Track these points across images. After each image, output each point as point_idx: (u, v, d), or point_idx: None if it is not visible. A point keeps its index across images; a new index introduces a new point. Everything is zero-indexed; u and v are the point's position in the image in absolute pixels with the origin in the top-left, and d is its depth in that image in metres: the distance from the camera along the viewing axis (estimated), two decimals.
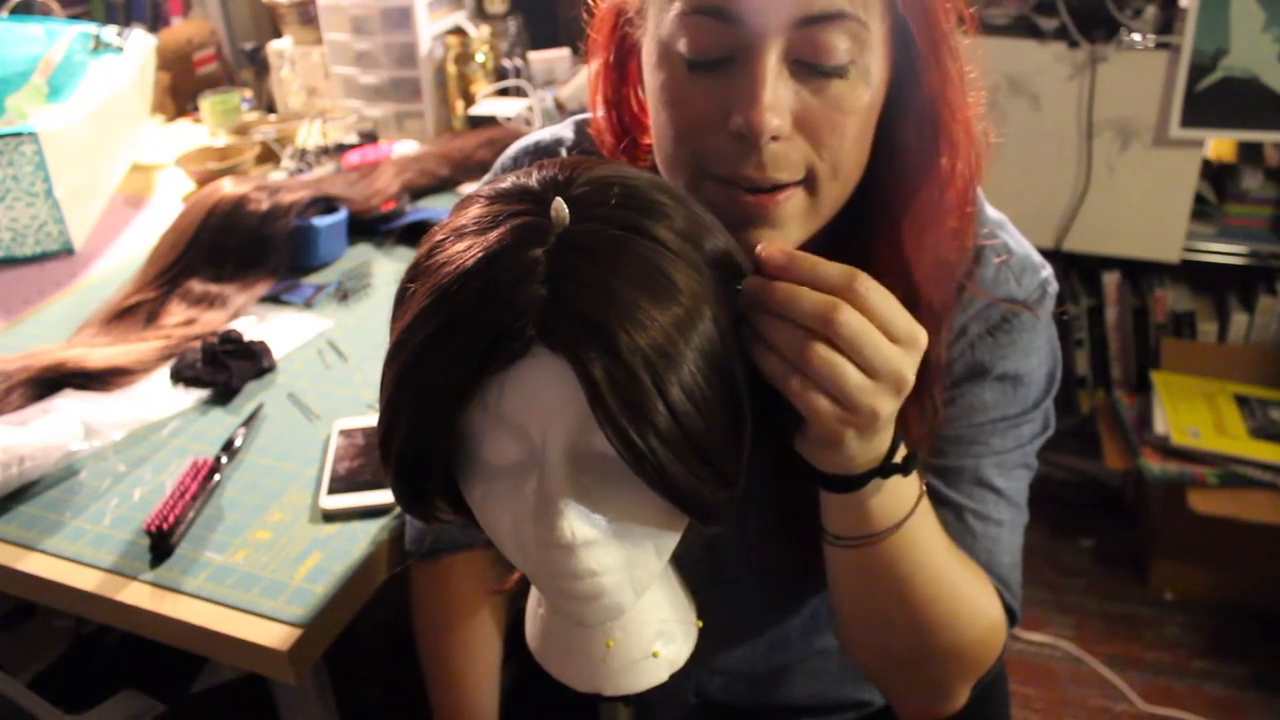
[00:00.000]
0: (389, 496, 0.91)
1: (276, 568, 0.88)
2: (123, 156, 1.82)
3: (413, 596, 0.92)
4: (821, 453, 0.57)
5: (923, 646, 0.69)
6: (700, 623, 0.67)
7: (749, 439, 0.53)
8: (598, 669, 0.62)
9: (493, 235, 0.49)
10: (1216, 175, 2.08)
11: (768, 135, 0.59)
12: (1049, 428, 0.79)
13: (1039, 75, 1.96)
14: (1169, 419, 1.96)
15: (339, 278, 1.39)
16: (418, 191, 1.61)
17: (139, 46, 1.86)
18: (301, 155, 1.79)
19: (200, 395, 1.13)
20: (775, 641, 0.90)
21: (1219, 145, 2.08)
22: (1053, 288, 0.76)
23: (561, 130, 0.88)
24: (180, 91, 2.11)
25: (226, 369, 1.14)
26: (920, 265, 0.67)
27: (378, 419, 0.54)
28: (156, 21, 2.27)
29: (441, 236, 0.52)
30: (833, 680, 0.94)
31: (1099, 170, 1.99)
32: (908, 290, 0.67)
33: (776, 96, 0.59)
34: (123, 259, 1.49)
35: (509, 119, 1.80)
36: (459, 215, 0.53)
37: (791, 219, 0.64)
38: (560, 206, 0.49)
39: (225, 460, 1.01)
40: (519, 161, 0.88)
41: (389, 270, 1.42)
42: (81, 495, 0.98)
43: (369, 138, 1.85)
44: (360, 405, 1.11)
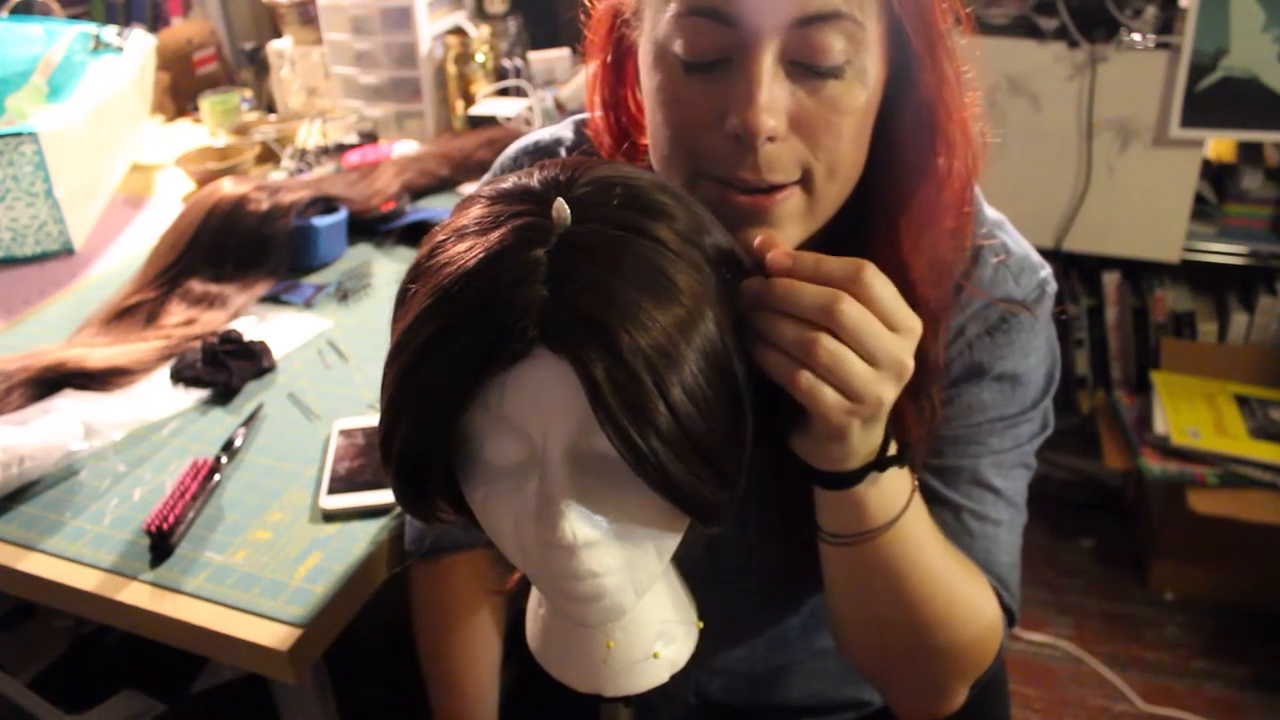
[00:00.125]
0: (389, 496, 0.91)
1: (276, 568, 0.88)
2: (123, 156, 1.82)
3: (413, 596, 0.92)
4: (822, 448, 0.57)
5: (919, 645, 0.69)
6: (701, 623, 0.67)
7: (750, 439, 0.53)
8: (598, 669, 0.62)
9: (494, 236, 0.49)
10: (1216, 175, 2.08)
11: (764, 136, 0.59)
12: (1047, 427, 0.79)
13: (1039, 75, 1.96)
14: (1169, 419, 1.96)
15: (339, 278, 1.39)
16: (418, 191, 1.61)
17: (139, 46, 1.86)
18: (301, 155, 1.79)
19: (200, 395, 1.13)
20: (775, 641, 0.90)
21: (1219, 145, 2.08)
22: (1051, 287, 0.76)
23: (561, 130, 0.88)
24: (180, 91, 2.11)
25: (226, 369, 1.14)
26: (917, 265, 0.67)
27: (379, 419, 0.54)
28: (156, 21, 2.26)
29: (443, 237, 0.52)
30: (832, 680, 0.94)
31: (1099, 170, 1.99)
32: (905, 290, 0.67)
33: (772, 97, 0.59)
34: (123, 259, 1.48)
35: (509, 119, 1.80)
36: (460, 215, 0.53)
37: (789, 219, 0.63)
38: (562, 207, 0.49)
39: (225, 460, 1.01)
40: (519, 161, 0.88)
41: (389, 270, 1.42)
42: (81, 495, 0.98)
43: (369, 138, 1.85)
44: (360, 405, 1.11)
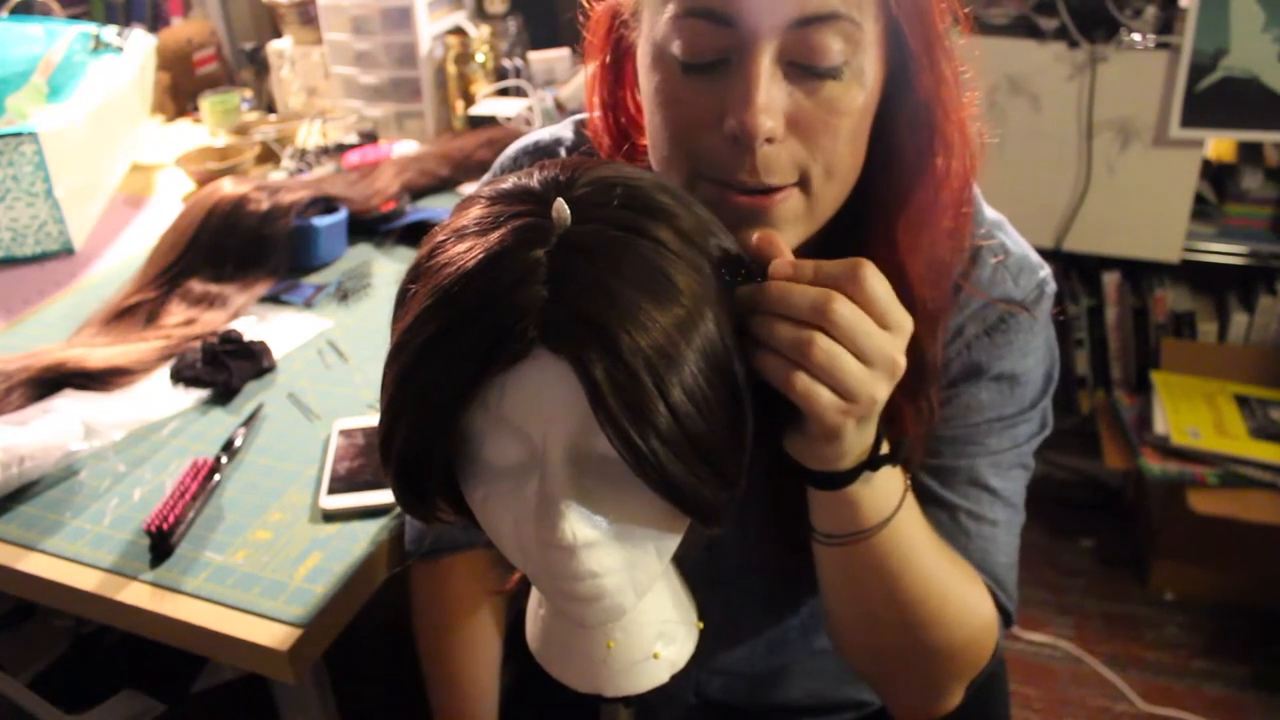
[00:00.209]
0: (389, 496, 0.91)
1: (276, 568, 0.88)
2: (123, 156, 1.82)
3: (413, 596, 0.92)
4: (816, 449, 0.57)
5: (913, 645, 0.69)
6: (701, 624, 0.67)
7: (750, 440, 0.53)
8: (598, 670, 0.62)
9: (494, 236, 0.49)
10: (1216, 175, 2.08)
11: (761, 138, 0.59)
12: (1046, 427, 0.79)
13: (1039, 75, 1.96)
14: (1169, 419, 1.96)
15: (339, 278, 1.39)
16: (418, 191, 1.61)
17: (139, 46, 1.86)
18: (301, 155, 1.79)
19: (200, 395, 1.13)
20: (775, 641, 0.90)
21: (1219, 145, 2.08)
22: (1050, 288, 0.76)
23: (561, 130, 0.88)
24: (180, 91, 2.11)
25: (226, 369, 1.14)
26: (915, 265, 0.67)
27: (378, 420, 0.54)
28: (156, 21, 2.26)
29: (443, 237, 0.52)
30: (832, 680, 0.94)
31: (1099, 170, 1.99)
32: (903, 290, 0.67)
33: (770, 98, 0.59)
34: (123, 259, 1.48)
35: (509, 119, 1.80)
36: (460, 216, 0.53)
37: (788, 221, 0.63)
38: (562, 207, 0.49)
39: (225, 460, 1.01)
40: (518, 161, 0.88)
41: (389, 270, 1.42)
42: (81, 495, 0.98)
43: (369, 138, 1.85)
44: (360, 405, 1.11)
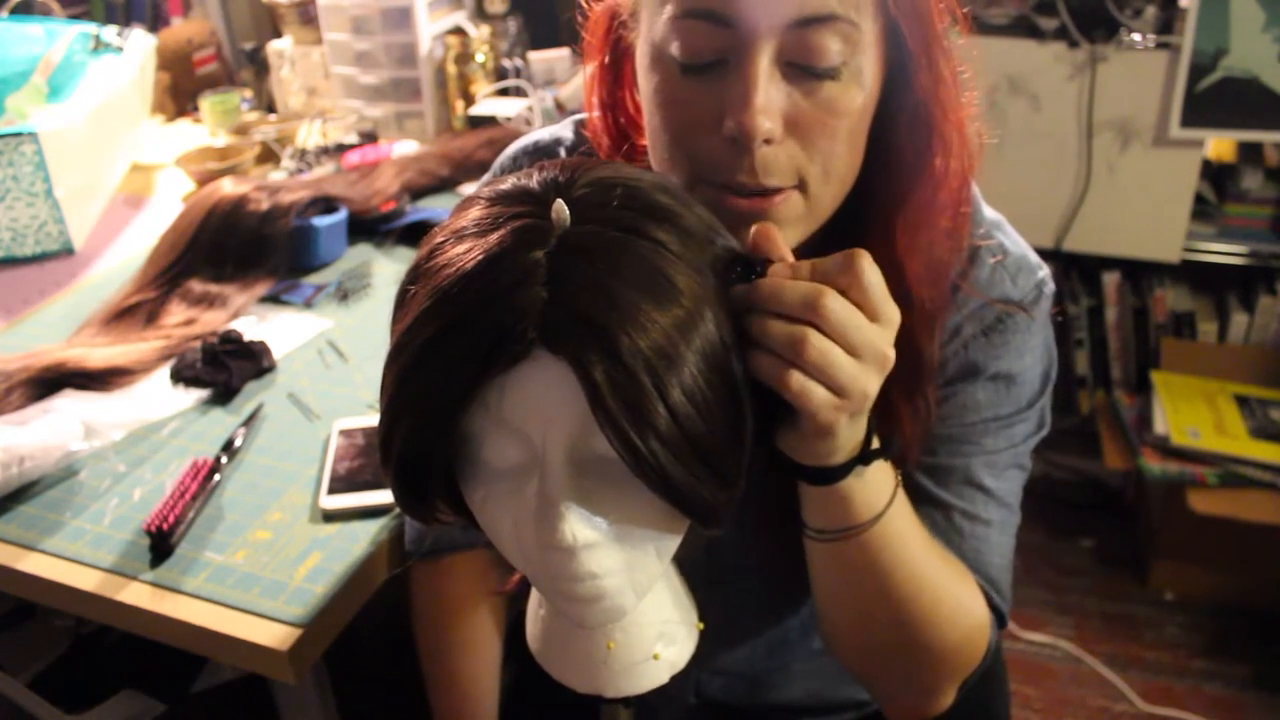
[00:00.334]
0: (389, 496, 0.91)
1: (276, 568, 0.88)
2: (123, 156, 1.82)
3: (413, 596, 0.92)
4: (810, 445, 0.57)
5: (904, 643, 0.69)
6: (701, 625, 0.67)
7: (750, 440, 0.53)
8: (599, 671, 0.62)
9: (493, 237, 0.49)
10: (1216, 175, 2.08)
11: (760, 139, 0.59)
12: (1044, 428, 0.78)
13: (1039, 75, 1.96)
14: (1169, 419, 1.96)
15: (339, 278, 1.39)
16: (418, 191, 1.61)
17: (139, 46, 1.86)
18: (301, 155, 1.79)
19: (200, 395, 1.13)
20: (774, 642, 0.90)
21: (1219, 145, 2.08)
22: (1049, 288, 0.76)
23: (560, 130, 0.88)
24: (180, 91, 2.11)
25: (226, 369, 1.14)
26: (913, 265, 0.67)
27: (378, 421, 0.54)
28: (156, 21, 2.26)
29: (442, 238, 0.52)
30: (832, 680, 0.94)
31: (1099, 170, 1.99)
32: (901, 290, 0.67)
33: (769, 99, 0.59)
34: (123, 259, 1.48)
35: (509, 119, 1.80)
36: (459, 217, 0.53)
37: (786, 222, 0.64)
38: (561, 208, 0.49)
39: (225, 460, 1.01)
40: (518, 161, 0.88)
41: (389, 270, 1.42)
42: (81, 495, 0.98)
43: (369, 138, 1.85)
44: (360, 405, 1.11)
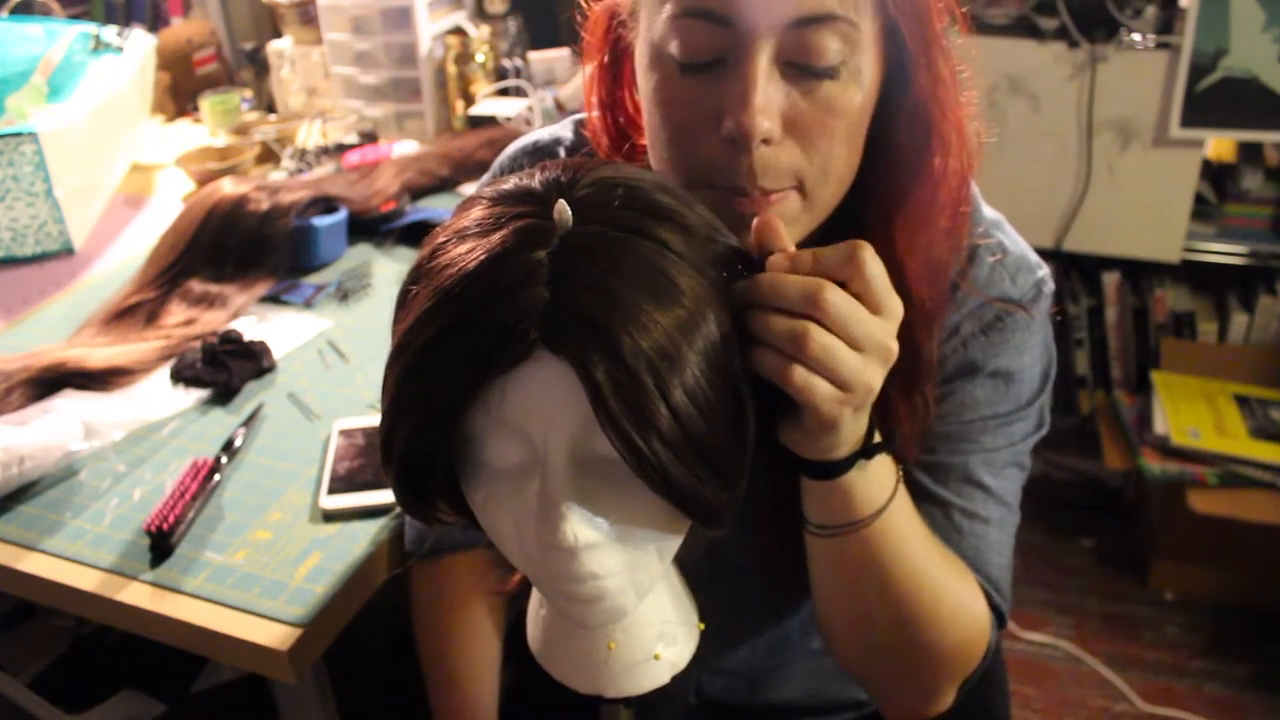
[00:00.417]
0: (389, 496, 0.91)
1: (276, 568, 0.88)
2: (123, 156, 1.82)
3: (412, 596, 0.92)
4: (813, 439, 0.57)
5: (905, 642, 0.68)
6: (702, 625, 0.67)
7: (751, 441, 0.53)
8: (599, 671, 0.62)
9: (495, 237, 0.49)
10: (1216, 175, 2.08)
11: (758, 138, 0.59)
12: (1043, 426, 0.78)
13: (1039, 75, 1.96)
14: (1169, 419, 1.96)
15: (339, 278, 1.39)
16: (418, 191, 1.61)
17: (139, 46, 1.86)
18: (301, 155, 1.79)
19: (200, 395, 1.13)
20: (775, 641, 0.90)
21: (1219, 145, 2.08)
22: (1048, 287, 0.76)
23: (560, 130, 0.87)
24: (180, 91, 2.11)
25: (226, 369, 1.14)
26: (912, 264, 0.67)
27: (380, 421, 0.54)
28: (156, 21, 2.26)
29: (444, 238, 0.52)
30: (832, 680, 0.94)
31: (1099, 170, 1.99)
32: (900, 289, 0.67)
33: (768, 98, 0.59)
34: (123, 259, 1.48)
35: (509, 119, 1.80)
36: (461, 217, 0.53)
37: (785, 220, 0.63)
38: (563, 208, 0.49)
39: (225, 460, 1.01)
40: (518, 161, 0.88)
41: (389, 270, 1.42)
42: (81, 495, 0.98)
43: (369, 138, 1.85)
44: (360, 405, 1.11)
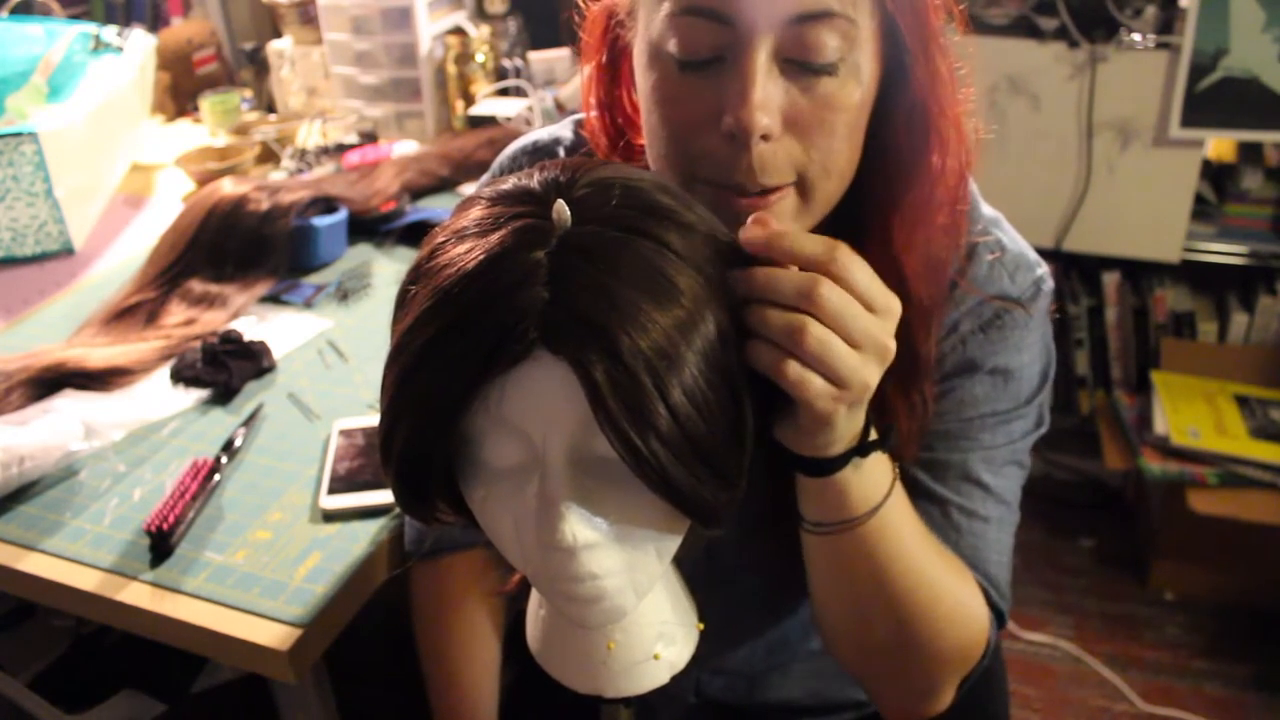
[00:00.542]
0: (389, 496, 0.91)
1: (276, 568, 0.88)
2: (123, 156, 1.82)
3: (412, 596, 0.92)
4: (808, 436, 0.57)
5: (902, 641, 0.68)
6: (701, 625, 0.67)
7: (751, 441, 0.53)
8: (599, 671, 0.62)
9: (494, 237, 0.49)
10: (1216, 175, 2.08)
11: (758, 134, 0.59)
12: (1042, 425, 0.78)
13: (1039, 75, 1.96)
14: (1169, 419, 1.96)
15: (339, 278, 1.39)
16: (418, 191, 1.61)
17: (139, 46, 1.86)
18: (301, 155, 1.79)
19: (200, 395, 1.13)
20: (775, 642, 0.90)
21: (1219, 145, 2.08)
22: (1047, 286, 0.76)
23: (560, 130, 0.88)
24: (180, 91, 2.11)
25: (226, 369, 1.14)
26: (911, 262, 0.67)
27: (379, 421, 0.54)
28: (156, 21, 2.26)
29: (443, 238, 0.52)
30: (832, 680, 0.94)
31: (1099, 170, 1.99)
32: (898, 286, 0.66)
33: (767, 95, 0.59)
34: (123, 259, 1.48)
35: (509, 119, 1.80)
36: (460, 217, 0.53)
37: (784, 217, 0.63)
38: (562, 208, 0.49)
39: (225, 460, 1.01)
40: (517, 161, 0.88)
41: (389, 270, 1.42)
42: (81, 495, 0.98)
43: (369, 138, 1.85)
44: (360, 405, 1.11)
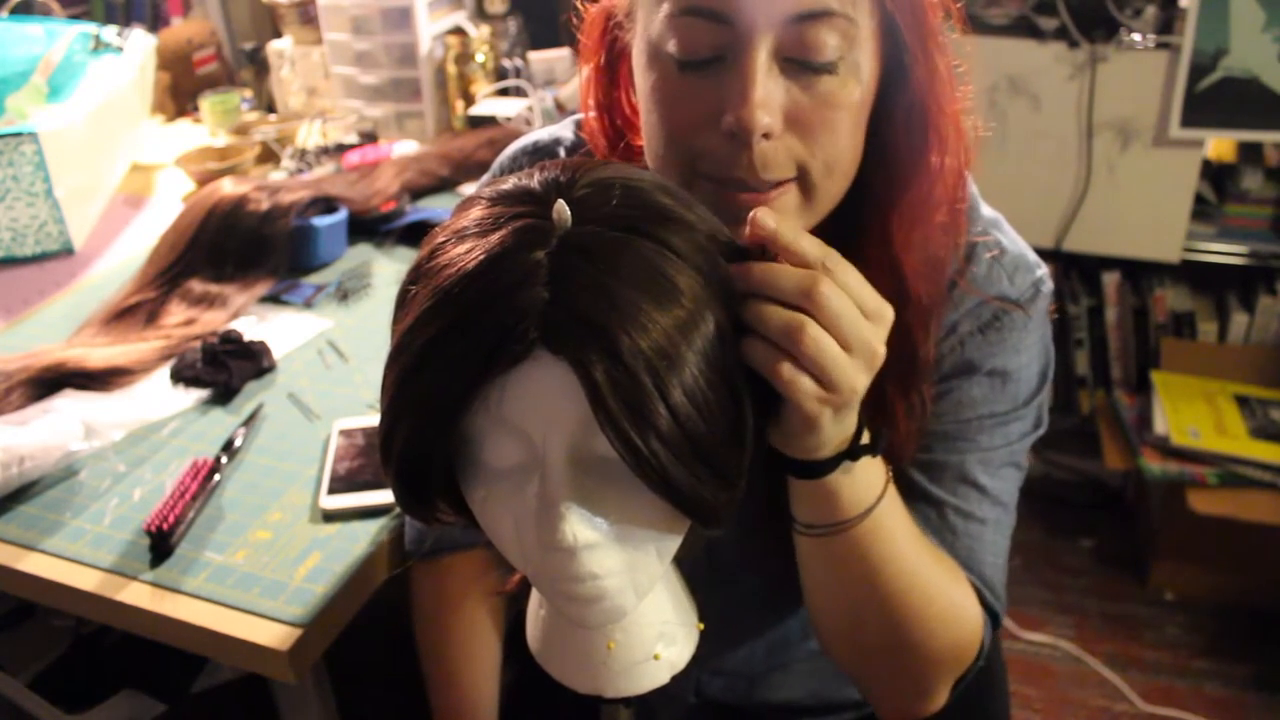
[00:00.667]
0: (389, 496, 0.91)
1: (276, 568, 0.88)
2: (123, 156, 1.82)
3: (412, 596, 0.92)
4: (796, 437, 0.57)
5: (895, 642, 0.68)
6: (701, 625, 0.67)
7: (750, 440, 0.53)
8: (599, 671, 0.62)
9: (494, 237, 0.49)
10: (1216, 175, 2.08)
11: (759, 133, 0.59)
12: (1041, 426, 0.78)
13: (1039, 75, 1.96)
14: (1169, 419, 1.96)
15: (339, 278, 1.39)
16: (418, 191, 1.61)
17: (139, 46, 1.86)
18: (301, 155, 1.79)
19: (200, 395, 1.13)
20: (775, 642, 0.90)
21: (1219, 145, 2.08)
22: (1046, 287, 0.76)
23: (560, 130, 0.88)
24: (180, 91, 2.11)
25: (226, 369, 1.14)
26: (910, 260, 0.67)
27: (379, 421, 0.54)
28: (156, 21, 2.26)
29: (443, 238, 0.52)
30: (832, 680, 0.94)
31: (1099, 170, 1.99)
32: (897, 286, 0.67)
33: (767, 94, 0.59)
34: (123, 259, 1.48)
35: (509, 119, 1.80)
36: (460, 217, 0.53)
37: (786, 214, 0.63)
38: (562, 208, 0.49)
39: (225, 460, 1.01)
40: (517, 161, 0.88)
41: (389, 270, 1.42)
42: (81, 495, 0.98)
43: (369, 138, 1.85)
44: (360, 405, 1.11)
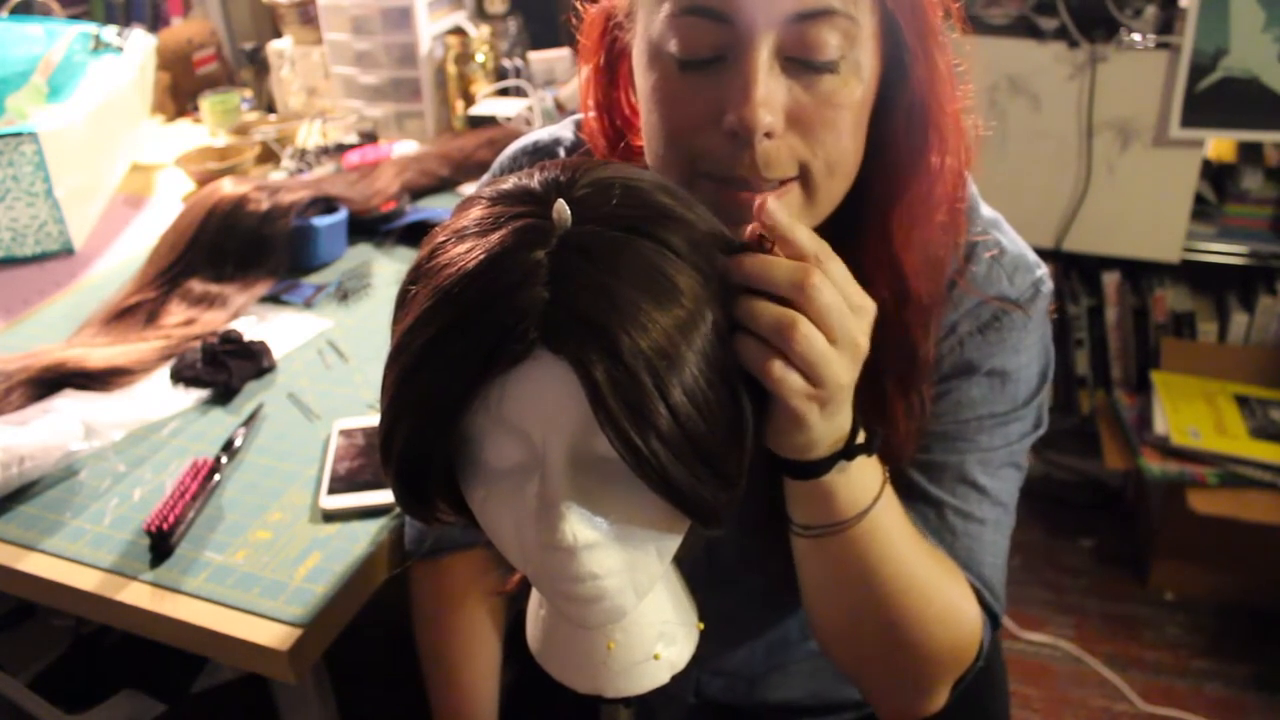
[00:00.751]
0: (389, 496, 0.91)
1: (276, 568, 0.88)
2: (123, 156, 1.82)
3: (412, 596, 0.92)
4: (785, 436, 0.56)
5: (893, 643, 0.68)
6: (701, 625, 0.67)
7: (750, 440, 0.53)
8: (599, 671, 0.62)
9: (494, 237, 0.49)
10: (1216, 175, 2.08)
11: (761, 132, 0.59)
12: (1040, 426, 0.78)
13: (1039, 75, 1.96)
14: (1169, 419, 1.96)
15: (339, 278, 1.39)
16: (418, 191, 1.61)
17: (139, 46, 1.86)
18: (301, 155, 1.79)
19: (200, 395, 1.13)
20: (775, 642, 0.90)
21: (1219, 145, 2.08)
22: (1046, 287, 0.75)
23: (560, 130, 0.88)
24: (180, 91, 2.11)
25: (226, 369, 1.14)
26: (910, 260, 0.67)
27: (379, 421, 0.54)
28: (156, 21, 2.26)
29: (443, 238, 0.52)
30: (832, 680, 0.94)
31: (1099, 170, 1.99)
32: (897, 285, 0.67)
33: (769, 93, 0.59)
34: (123, 259, 1.48)
35: (509, 119, 1.80)
36: (461, 217, 0.53)
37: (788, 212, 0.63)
38: (562, 208, 0.49)
39: (225, 460, 1.01)
40: (517, 161, 0.88)
41: (389, 270, 1.42)
42: (81, 495, 0.98)
43: (369, 138, 1.85)
44: (360, 405, 1.11)
